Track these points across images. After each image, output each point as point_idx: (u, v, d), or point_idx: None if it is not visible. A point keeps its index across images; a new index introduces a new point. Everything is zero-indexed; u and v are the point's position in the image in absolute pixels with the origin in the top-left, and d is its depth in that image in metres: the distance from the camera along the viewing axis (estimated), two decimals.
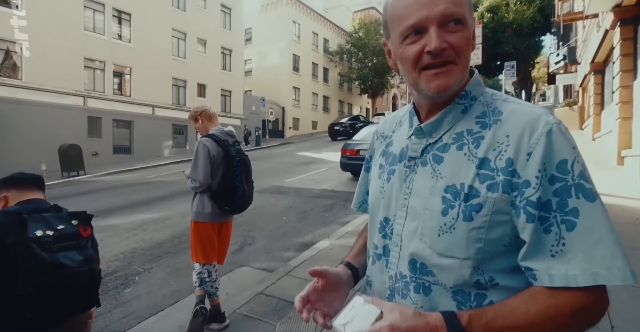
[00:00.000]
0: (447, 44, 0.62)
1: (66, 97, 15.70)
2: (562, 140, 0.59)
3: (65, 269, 1.37)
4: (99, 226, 5.60)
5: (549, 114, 0.63)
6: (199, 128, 2.79)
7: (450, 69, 0.63)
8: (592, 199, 0.57)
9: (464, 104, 0.69)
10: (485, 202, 0.61)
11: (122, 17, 18.01)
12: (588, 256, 0.55)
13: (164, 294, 3.34)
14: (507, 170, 0.60)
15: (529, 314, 0.57)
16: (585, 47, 13.12)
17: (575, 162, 0.58)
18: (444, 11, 0.61)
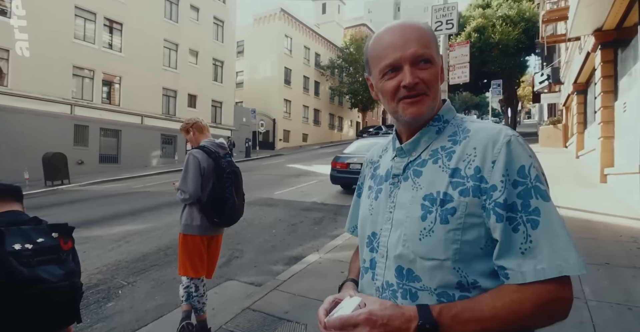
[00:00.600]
0: (419, 79, 0.73)
1: (53, 105, 15.46)
2: (519, 149, 0.68)
3: (45, 283, 1.32)
4: (81, 237, 5.44)
5: (508, 129, 0.73)
6: (190, 140, 2.77)
7: (422, 99, 0.74)
8: (547, 199, 0.66)
9: (438, 126, 0.79)
10: (458, 205, 0.68)
11: (113, 27, 18.01)
12: (551, 250, 0.63)
13: (148, 308, 3.24)
14: (476, 176, 0.69)
15: (494, 307, 0.63)
16: (568, 68, 13.60)
17: (531, 167, 0.67)
18: (414, 53, 0.72)
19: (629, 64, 6.32)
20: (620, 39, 6.94)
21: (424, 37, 0.74)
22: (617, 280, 3.13)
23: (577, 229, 4.63)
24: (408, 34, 0.74)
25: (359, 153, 8.81)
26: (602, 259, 3.59)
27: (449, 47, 9.23)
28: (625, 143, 6.10)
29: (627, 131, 5.96)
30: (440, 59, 0.77)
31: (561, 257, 0.62)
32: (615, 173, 6.50)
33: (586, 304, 2.75)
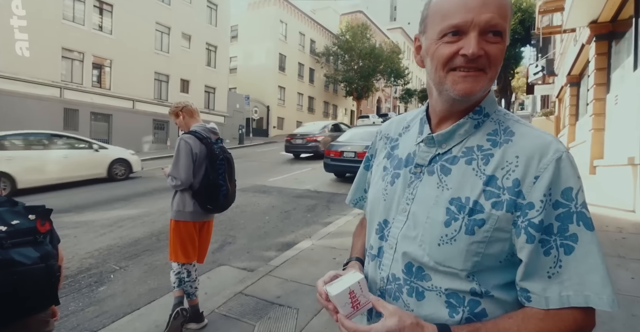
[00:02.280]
0: (484, 52, 0.63)
1: (42, 88, 15.11)
2: (569, 169, 0.62)
3: (19, 266, 1.31)
4: (73, 221, 5.41)
5: (559, 142, 0.65)
6: (179, 124, 2.72)
7: (479, 75, 0.64)
8: (591, 228, 0.60)
9: (478, 120, 0.70)
10: (488, 218, 0.63)
11: (103, 8, 17.49)
12: (582, 279, 0.58)
13: (140, 292, 3.26)
14: (514, 190, 0.62)
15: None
16: (562, 59, 13.63)
17: (580, 191, 0.61)
18: (490, 20, 0.61)
19: (623, 56, 6.35)
20: (615, 32, 6.95)
21: (504, 5, 0.62)
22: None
23: None
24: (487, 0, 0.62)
25: (352, 142, 8.81)
26: None
27: None
28: (615, 136, 6.18)
29: (618, 124, 6.03)
30: (509, 37, 0.66)
31: (593, 289, 0.58)
32: (605, 165, 6.60)
33: None
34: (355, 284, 0.66)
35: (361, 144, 8.37)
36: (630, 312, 2.47)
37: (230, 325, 2.58)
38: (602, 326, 2.33)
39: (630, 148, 5.00)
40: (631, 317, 2.41)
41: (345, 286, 0.66)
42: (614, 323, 2.35)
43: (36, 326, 1.46)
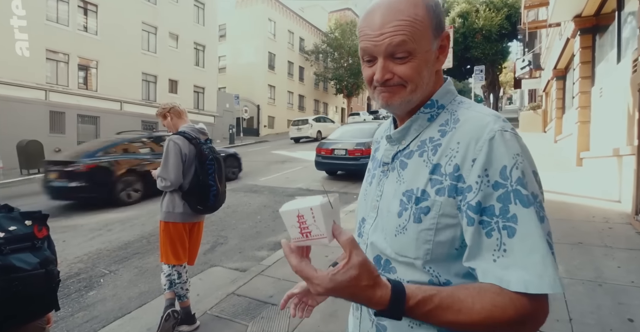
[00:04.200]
0: (392, 75, 0.67)
1: (26, 90, 14.80)
2: (502, 147, 0.61)
3: (19, 272, 1.29)
4: (61, 226, 5.33)
5: (497, 121, 0.65)
6: (167, 125, 2.70)
7: (397, 90, 0.68)
8: (527, 205, 0.58)
9: (430, 113, 0.72)
10: (433, 205, 0.64)
11: (88, 8, 17.19)
12: (524, 262, 0.57)
13: (131, 296, 3.23)
14: (454, 175, 0.63)
15: (472, 310, 0.57)
16: (548, 54, 13.80)
17: (514, 168, 0.60)
18: (389, 44, 0.64)
19: (606, 50, 6.45)
20: (598, 25, 7.05)
21: (407, 26, 0.64)
22: (589, 258, 3.27)
23: (554, 210, 4.79)
24: (388, 17, 0.64)
25: (343, 139, 8.81)
26: (576, 239, 3.74)
27: None
28: (601, 128, 6.28)
29: (603, 116, 6.13)
30: (432, 44, 0.68)
31: (534, 272, 0.56)
32: (591, 157, 6.71)
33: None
34: (306, 209, 0.56)
35: (352, 142, 8.38)
36: (617, 300, 2.52)
37: (223, 326, 2.56)
38: (589, 315, 2.37)
39: (615, 140, 5.09)
40: (618, 306, 2.45)
41: (297, 206, 0.58)
42: (602, 311, 2.40)
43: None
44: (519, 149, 0.62)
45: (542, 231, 0.58)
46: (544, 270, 0.56)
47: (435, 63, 0.70)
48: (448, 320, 0.58)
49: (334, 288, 0.56)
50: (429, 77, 0.70)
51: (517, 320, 0.57)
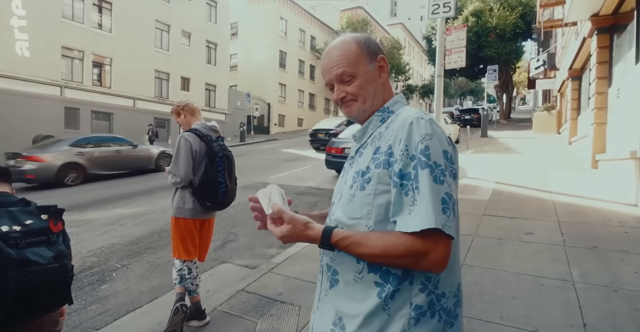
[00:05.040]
0: (345, 94, 0.95)
1: (42, 87, 15.11)
2: (416, 129, 0.82)
3: (34, 265, 1.31)
4: (75, 220, 5.43)
5: (418, 113, 0.87)
6: (181, 123, 2.73)
7: (351, 104, 0.96)
8: (424, 167, 0.79)
9: (382, 116, 0.96)
10: (373, 175, 0.85)
11: (102, 6, 17.45)
12: (420, 212, 0.76)
13: (142, 290, 3.27)
14: (388, 152, 0.85)
15: (376, 244, 0.79)
16: (564, 53, 13.53)
17: (420, 143, 0.81)
18: (337, 74, 0.94)
19: (624, 49, 6.29)
20: (616, 25, 6.88)
21: (344, 58, 0.93)
22: (604, 263, 3.20)
23: (568, 213, 4.70)
24: (333, 58, 0.94)
25: None
26: (591, 243, 3.66)
27: (446, 31, 9.10)
28: (618, 129, 6.14)
29: (620, 118, 5.99)
30: (367, 66, 0.94)
31: (423, 216, 0.76)
32: (607, 159, 6.56)
33: (573, 286, 2.82)
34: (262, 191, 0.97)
35: None
36: (633, 307, 2.47)
37: (233, 322, 2.58)
38: (604, 321, 2.32)
39: (633, 142, 4.96)
40: (634, 312, 2.40)
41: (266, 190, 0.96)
42: (617, 318, 2.35)
43: (47, 326, 1.47)
44: (430, 131, 0.82)
45: (433, 189, 0.77)
46: (430, 214, 0.75)
47: (379, 79, 0.96)
48: (359, 252, 0.82)
49: (284, 237, 0.88)
50: (375, 90, 0.96)
51: (407, 254, 0.77)
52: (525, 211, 4.99)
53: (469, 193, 6.27)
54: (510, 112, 32.64)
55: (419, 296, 0.82)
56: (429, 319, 0.82)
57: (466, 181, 7.40)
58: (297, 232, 0.86)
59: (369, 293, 0.84)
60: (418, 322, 0.81)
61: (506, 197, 5.87)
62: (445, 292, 0.85)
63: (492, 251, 3.66)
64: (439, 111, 8.93)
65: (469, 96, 67.34)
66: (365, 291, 0.84)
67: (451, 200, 0.78)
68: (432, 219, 0.74)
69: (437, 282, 0.84)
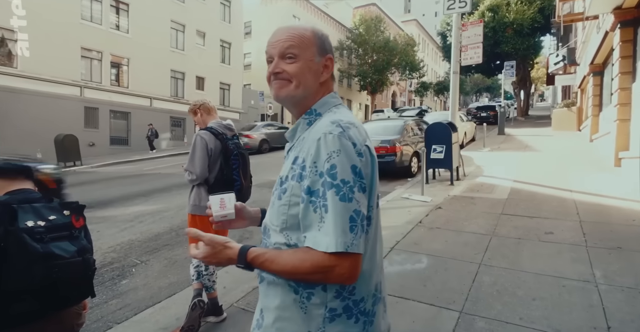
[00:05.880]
0: (282, 70, 0.91)
1: (63, 87, 15.53)
2: (323, 145, 0.81)
3: (58, 259, 1.35)
4: (95, 217, 5.56)
5: (329, 126, 0.84)
6: (197, 121, 2.76)
7: (284, 84, 0.92)
8: (330, 187, 0.78)
9: (309, 119, 0.94)
10: (288, 187, 0.86)
11: (120, 7, 17.80)
12: (328, 230, 0.77)
13: (161, 286, 3.33)
14: (301, 165, 0.84)
15: (286, 262, 0.82)
16: (584, 48, 13.14)
17: (326, 161, 0.80)
18: (281, 49, 0.91)
19: None
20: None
21: (295, 38, 0.91)
22: (629, 264, 3.10)
23: (590, 213, 4.58)
24: (284, 34, 0.92)
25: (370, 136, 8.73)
26: (614, 243, 3.56)
27: (462, 27, 8.96)
28: None
29: None
30: (315, 57, 0.92)
31: (331, 237, 0.76)
32: (630, 157, 6.35)
33: (596, 287, 2.74)
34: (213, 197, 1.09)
35: (376, 139, 8.29)
36: None
37: (249, 318, 2.59)
38: (630, 323, 2.25)
39: None
40: None
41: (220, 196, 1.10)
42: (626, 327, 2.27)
43: (70, 319, 1.51)
44: (338, 147, 0.80)
45: (341, 208, 0.77)
46: (336, 235, 0.76)
47: (320, 76, 0.94)
48: (273, 269, 0.84)
49: (206, 258, 0.89)
50: (313, 82, 0.93)
51: (314, 270, 0.78)
52: (545, 210, 4.88)
53: (485, 192, 6.17)
54: (528, 109, 31.92)
55: (334, 301, 0.84)
56: (346, 320, 0.85)
57: (483, 179, 7.29)
58: (216, 252, 0.88)
59: (287, 292, 0.87)
60: (333, 321, 0.85)
61: (525, 196, 5.75)
62: (364, 297, 0.88)
63: (511, 251, 3.60)
64: (455, 108, 8.81)
65: (485, 93, 66.16)
66: (283, 290, 0.88)
67: (359, 216, 0.79)
68: (338, 241, 0.76)
69: (352, 289, 0.86)
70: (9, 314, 1.28)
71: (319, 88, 0.95)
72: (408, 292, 2.83)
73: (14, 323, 1.31)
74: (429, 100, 52.92)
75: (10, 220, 1.29)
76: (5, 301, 1.27)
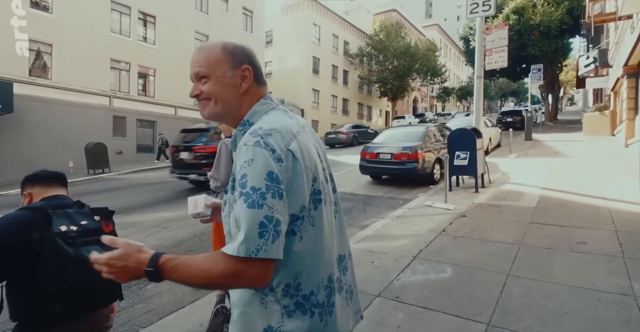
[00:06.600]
0: (200, 91, 0.98)
1: (93, 97, 16.24)
2: (239, 158, 0.85)
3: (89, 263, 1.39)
4: (122, 222, 5.73)
5: (246, 138, 0.87)
6: (223, 129, 2.82)
7: (205, 103, 0.99)
8: (240, 195, 0.81)
9: (243, 129, 0.97)
10: (227, 200, 0.92)
11: (147, 20, 18.52)
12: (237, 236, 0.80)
13: (185, 291, 3.38)
14: (233, 177, 0.88)
15: (199, 266, 0.82)
16: (617, 49, 12.62)
17: (239, 172, 0.84)
18: (194, 72, 1.00)
19: None
20: None
21: (206, 59, 0.97)
22: None
23: (626, 222, 4.35)
24: (195, 58, 0.99)
25: (388, 143, 8.66)
26: None
27: (485, 31, 8.79)
28: None
29: None
30: (227, 71, 0.97)
31: (237, 242, 0.79)
32: None
33: (635, 301, 2.59)
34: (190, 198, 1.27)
35: (398, 145, 8.21)
36: None
37: None
38: None
39: None
40: None
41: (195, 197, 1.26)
42: None
43: (99, 321, 1.55)
44: (251, 157, 0.83)
45: (250, 215, 0.79)
46: (240, 241, 0.78)
47: (239, 87, 0.98)
48: (184, 272, 0.83)
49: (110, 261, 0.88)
50: (232, 95, 0.98)
51: (224, 273, 0.80)
52: (577, 218, 4.66)
53: (512, 199, 5.96)
54: (557, 113, 30.84)
55: (284, 299, 0.88)
56: (301, 315, 0.89)
57: (509, 186, 7.06)
58: (129, 253, 0.87)
59: (248, 289, 0.91)
60: (290, 317, 0.88)
61: (554, 203, 5.52)
62: (313, 290, 0.91)
63: (541, 261, 3.45)
64: (479, 113, 8.62)
65: (511, 97, 64.48)
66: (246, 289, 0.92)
67: (272, 222, 0.79)
68: (240, 247, 0.78)
69: (297, 285, 0.89)
70: (45, 313, 1.33)
71: (241, 99, 0.99)
72: (432, 302, 2.75)
73: (47, 323, 1.36)
74: (451, 106, 52.06)
75: (45, 225, 1.34)
76: (41, 302, 1.33)
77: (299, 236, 0.88)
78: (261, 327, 0.88)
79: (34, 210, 1.40)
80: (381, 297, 2.89)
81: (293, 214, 0.86)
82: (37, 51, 14.69)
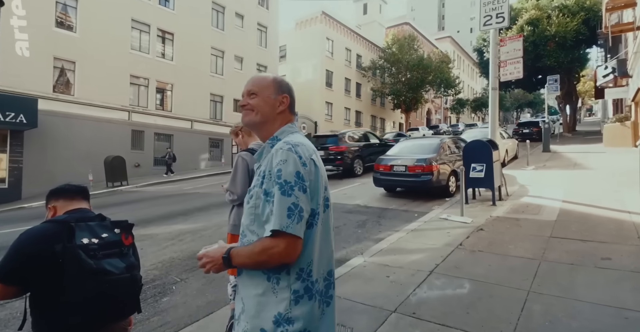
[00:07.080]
0: (247, 103, 1.26)
1: (113, 112, 16.75)
2: (276, 157, 1.11)
3: (109, 275, 1.42)
4: (139, 234, 5.82)
5: (281, 144, 1.14)
6: (239, 142, 2.85)
7: (248, 112, 1.26)
8: (275, 185, 1.08)
9: (272, 143, 1.23)
10: (254, 193, 1.16)
11: (165, 37, 19.16)
12: (274, 218, 1.06)
13: (199, 304, 3.38)
14: (262, 175, 1.15)
15: (249, 248, 1.11)
16: (637, 59, 12.37)
17: (275, 168, 1.09)
18: (246, 90, 1.27)
19: None
20: None
21: (259, 82, 1.27)
22: None
23: None
24: (251, 80, 1.29)
25: (402, 155, 8.61)
26: None
27: (500, 42, 8.77)
28: None
29: None
30: (272, 95, 1.26)
31: (273, 222, 1.05)
32: None
33: None
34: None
35: (412, 158, 8.15)
36: None
37: None
38: None
39: None
40: None
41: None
42: None
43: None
44: (285, 158, 1.09)
45: (282, 200, 1.05)
46: (275, 219, 1.04)
47: (277, 108, 1.26)
48: (241, 255, 1.12)
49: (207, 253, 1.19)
50: (270, 112, 1.25)
51: (262, 249, 1.06)
52: (600, 233, 4.51)
53: (532, 213, 5.82)
54: (575, 124, 30.21)
55: (296, 283, 1.09)
56: (307, 301, 1.09)
57: (528, 199, 6.90)
58: (217, 249, 1.19)
59: (262, 280, 1.11)
60: (298, 304, 1.08)
61: (576, 217, 5.36)
62: (318, 279, 1.14)
63: (563, 277, 3.33)
64: (495, 125, 8.52)
65: (527, 108, 63.60)
66: (258, 279, 1.12)
67: (297, 208, 1.05)
68: (275, 222, 1.03)
69: (309, 271, 1.12)
70: (67, 325, 1.36)
71: (276, 116, 1.26)
72: (450, 319, 2.68)
73: None
74: (466, 117, 51.60)
75: (68, 237, 1.38)
76: (63, 313, 1.35)
77: (314, 229, 1.12)
78: (272, 314, 1.07)
79: (57, 223, 1.44)
80: (397, 313, 2.83)
81: (312, 208, 1.11)
82: (60, 68, 15.32)
